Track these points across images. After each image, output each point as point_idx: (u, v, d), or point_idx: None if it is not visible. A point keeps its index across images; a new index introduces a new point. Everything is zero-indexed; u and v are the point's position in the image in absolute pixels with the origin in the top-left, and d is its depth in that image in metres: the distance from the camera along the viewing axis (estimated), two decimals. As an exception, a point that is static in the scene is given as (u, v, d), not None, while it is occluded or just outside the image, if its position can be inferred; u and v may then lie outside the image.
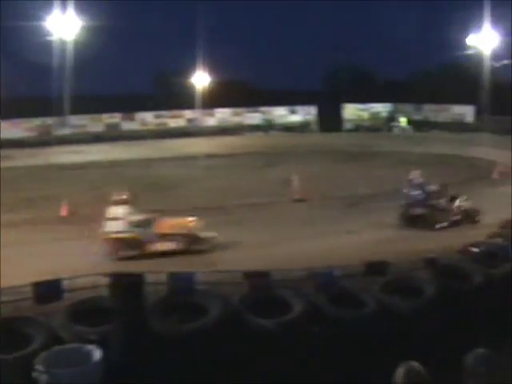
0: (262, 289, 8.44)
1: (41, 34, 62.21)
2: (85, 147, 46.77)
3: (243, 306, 8.10)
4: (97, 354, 6.52)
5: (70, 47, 63.05)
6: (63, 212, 20.14)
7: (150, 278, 7.36)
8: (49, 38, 62.72)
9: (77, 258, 13.82)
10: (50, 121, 63.62)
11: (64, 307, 7.94)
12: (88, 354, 6.53)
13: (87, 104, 59.32)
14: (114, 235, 15.38)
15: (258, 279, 8.43)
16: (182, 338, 7.60)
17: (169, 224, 16.22)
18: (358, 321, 8.56)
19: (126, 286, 6.87)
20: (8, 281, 11.04)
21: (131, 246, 15.39)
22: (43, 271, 12.40)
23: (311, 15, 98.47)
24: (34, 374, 6.19)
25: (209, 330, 7.76)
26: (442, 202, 18.43)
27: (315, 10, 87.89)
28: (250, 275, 8.46)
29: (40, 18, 61.72)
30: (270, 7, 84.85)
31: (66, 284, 8.27)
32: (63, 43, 62.59)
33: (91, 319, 7.67)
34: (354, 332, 8.38)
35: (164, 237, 15.65)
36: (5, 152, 48.34)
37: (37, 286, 8.11)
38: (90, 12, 63.43)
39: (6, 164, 39.45)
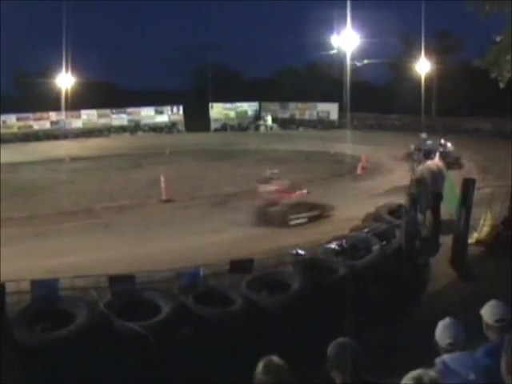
0: (127, 292, 8.44)
1: None
2: None
3: (110, 311, 8.07)
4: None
5: None
6: None
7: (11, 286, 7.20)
8: None
9: None
10: None
11: None
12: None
13: None
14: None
15: (122, 282, 8.40)
16: (48, 347, 7.49)
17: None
18: (225, 319, 8.70)
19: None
20: None
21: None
22: None
23: (175, 14, 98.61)
24: None
25: (76, 336, 7.69)
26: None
27: (179, 9, 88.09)
28: (115, 279, 8.43)
29: None
30: (133, 7, 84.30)
31: None
32: None
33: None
34: (221, 330, 8.53)
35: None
36: None
37: None
38: None
39: None
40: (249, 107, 65.14)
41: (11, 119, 60.02)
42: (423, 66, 53.07)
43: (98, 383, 7.46)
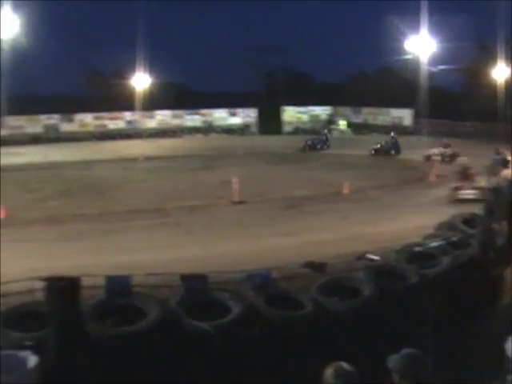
0: (199, 291, 8.47)
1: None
2: (22, 149, 45.98)
3: (181, 309, 8.12)
4: (32, 359, 6.44)
5: (5, 46, 61.99)
6: (1, 214, 19.76)
7: (86, 281, 7.31)
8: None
9: (14, 262, 13.54)
10: (-16, 122, 62.44)
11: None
12: (23, 360, 6.45)
13: (23, 105, 58.28)
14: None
15: (194, 281, 8.45)
16: (119, 341, 7.57)
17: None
18: (294, 322, 8.65)
19: (62, 289, 6.80)
20: None
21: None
22: None
23: (248, 16, 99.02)
24: (-33, 381, 6.09)
25: (145, 333, 7.75)
26: None
27: (252, 11, 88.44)
28: (187, 278, 8.48)
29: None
30: (208, 8, 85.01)
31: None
32: (-1, 42, 61.55)
33: (27, 324, 7.58)
34: (290, 333, 8.48)
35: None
36: None
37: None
38: (27, 10, 62.43)
39: None
40: (321, 111, 64.97)
41: (88, 118, 61.42)
42: (500, 72, 51.80)
43: (162, 382, 7.50)
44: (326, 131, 49.34)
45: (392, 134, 41.36)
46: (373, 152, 38.91)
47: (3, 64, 61.74)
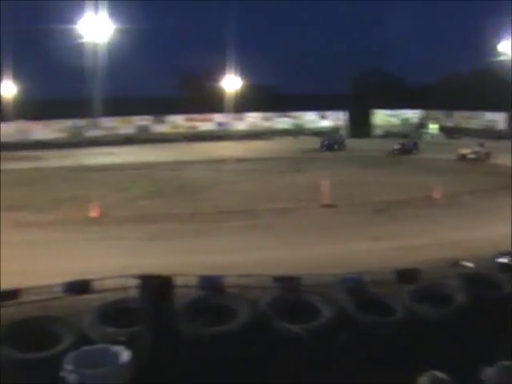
0: (290, 293, 8.44)
1: (73, 36, 62.90)
2: (115, 149, 47.17)
3: (271, 311, 8.09)
4: (125, 354, 6.53)
5: (101, 50, 63.68)
6: (93, 213, 20.26)
7: (179, 280, 7.37)
8: (81, 41, 63.42)
9: (107, 259, 13.85)
10: (81, 122, 64.24)
11: (92, 308, 8.01)
12: (116, 355, 6.55)
13: (118, 106, 59.75)
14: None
15: (286, 284, 8.42)
16: (210, 340, 7.61)
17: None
18: (385, 328, 8.50)
19: (155, 287, 6.89)
20: (36, 279, 11.19)
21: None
22: (71, 270, 12.55)
23: (338, 18, 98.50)
24: (62, 373, 6.21)
25: (236, 334, 7.76)
26: None
27: (342, 13, 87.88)
28: (279, 280, 8.46)
29: (72, 21, 62.42)
30: (300, 11, 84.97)
31: (95, 284, 8.34)
32: (95, 46, 63.25)
33: (120, 320, 7.72)
34: (381, 338, 8.33)
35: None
36: (35, 153, 49.07)
37: (67, 284, 8.18)
38: (122, 15, 63.95)
39: (35, 164, 40.01)
40: (412, 115, 64.06)
41: (179, 120, 62.36)
42: None
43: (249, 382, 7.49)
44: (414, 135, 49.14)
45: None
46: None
47: (99, 67, 63.51)
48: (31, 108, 63.62)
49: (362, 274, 9.26)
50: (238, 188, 26.65)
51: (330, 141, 47.35)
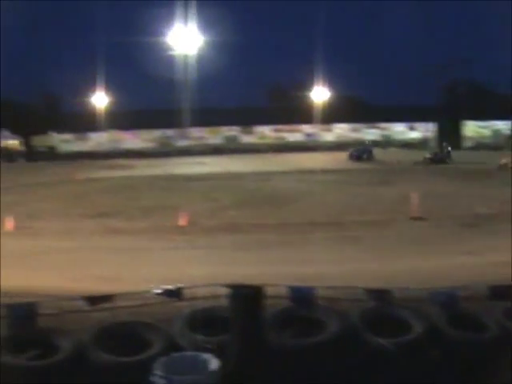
0: (380, 307, 8.30)
1: (164, 48, 64.28)
2: (204, 159, 47.80)
3: (361, 324, 7.97)
4: (214, 363, 6.54)
5: (191, 61, 64.82)
6: (182, 221, 20.54)
7: (269, 290, 7.35)
8: (171, 53, 64.74)
9: (195, 267, 13.99)
10: (170, 132, 65.47)
11: (182, 315, 8.08)
12: (205, 363, 6.58)
13: (206, 116, 60.67)
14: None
15: (378, 296, 8.29)
16: (299, 352, 7.55)
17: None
18: (477, 345, 8.25)
19: (245, 297, 6.89)
20: (124, 285, 11.40)
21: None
22: (160, 277, 12.72)
23: (426, 29, 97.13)
24: (152, 379, 6.28)
25: (325, 345, 7.68)
26: None
27: (430, 24, 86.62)
28: (371, 292, 8.33)
29: (163, 34, 63.77)
30: (387, 23, 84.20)
31: (185, 292, 8.41)
32: (185, 57, 64.44)
33: (209, 328, 7.75)
34: (472, 356, 8.10)
35: None
36: (126, 161, 50.28)
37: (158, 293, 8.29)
38: (210, 27, 64.95)
39: (126, 173, 40.97)
40: (504, 126, 62.54)
41: (267, 130, 62.77)
42: None
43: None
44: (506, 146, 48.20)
45: None
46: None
47: (188, 78, 64.59)
48: (122, 118, 65.42)
49: (454, 288, 9.03)
50: (325, 199, 26.53)
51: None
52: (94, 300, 8.28)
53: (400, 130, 62.41)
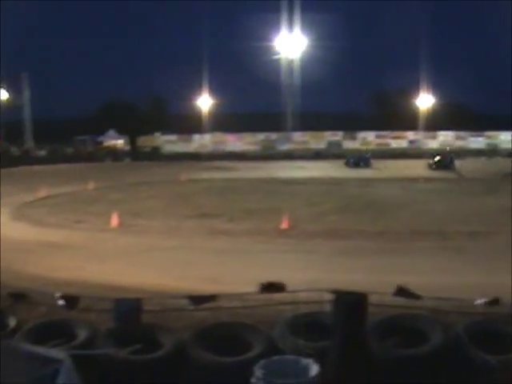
0: (488, 320, 8.08)
1: (269, 53, 64.80)
2: (305, 163, 47.82)
3: (466, 337, 7.77)
4: (314, 368, 6.52)
5: (295, 66, 65.06)
6: (283, 225, 20.61)
7: (373, 298, 7.29)
8: (276, 57, 65.18)
9: (295, 271, 13.99)
10: (273, 136, 65.84)
11: (284, 319, 8.10)
12: (306, 368, 6.56)
13: (309, 121, 60.73)
14: None
15: (484, 309, 8.09)
16: (399, 362, 7.44)
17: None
18: None
19: (349, 303, 6.84)
20: (225, 287, 11.55)
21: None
22: (259, 280, 12.78)
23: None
24: (253, 381, 6.31)
25: (426, 358, 7.53)
26: None
27: None
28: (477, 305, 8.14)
29: (269, 39, 64.30)
30: (497, 30, 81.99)
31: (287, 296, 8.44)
32: (289, 62, 64.71)
33: (310, 333, 7.74)
34: None
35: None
36: (228, 163, 50.90)
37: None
38: (315, 32, 64.99)
39: (229, 175, 41.47)
40: None
41: (370, 136, 62.21)
42: None
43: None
44: None
45: None
46: None
47: (292, 82, 64.83)
48: (226, 120, 66.36)
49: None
50: (427, 208, 25.99)
51: None
52: (198, 300, 8.43)
53: (507, 139, 60.48)
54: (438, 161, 46.74)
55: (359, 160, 48.00)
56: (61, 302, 8.86)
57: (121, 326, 8.21)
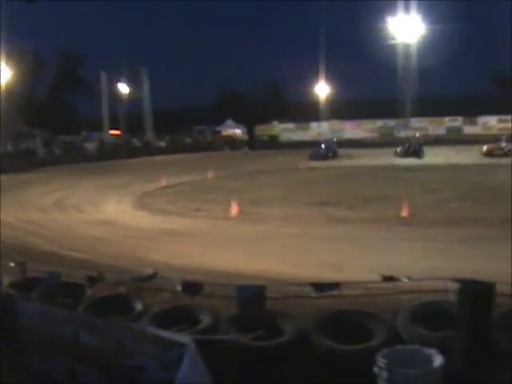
0: None
1: (385, 37, 63.79)
2: (425, 149, 46.81)
3: None
4: (438, 358, 6.40)
5: (412, 50, 63.76)
6: (403, 212, 20.32)
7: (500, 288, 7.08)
8: (392, 42, 64.07)
9: (415, 259, 13.78)
10: (391, 122, 64.97)
11: (407, 307, 8.00)
12: (429, 358, 6.45)
13: (427, 106, 59.45)
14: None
15: None
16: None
17: None
18: None
19: (475, 293, 6.67)
20: (345, 274, 11.54)
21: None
22: (379, 267, 12.67)
23: None
24: (375, 369, 6.27)
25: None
26: None
27: None
28: None
29: (384, 22, 63.24)
30: None
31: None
32: (406, 46, 63.48)
33: (433, 323, 7.60)
34: None
35: None
36: (346, 151, 50.64)
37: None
38: (432, 14, 63.43)
39: (347, 163, 41.31)
40: None
41: (492, 121, 60.28)
42: None
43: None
44: None
45: None
46: None
47: (410, 67, 63.62)
48: (343, 108, 65.97)
49: None
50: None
51: None
52: (321, 287, 8.46)
53: None
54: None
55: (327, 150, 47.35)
56: (183, 289, 9.12)
57: (243, 312, 8.34)
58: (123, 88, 77.59)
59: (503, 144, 46.25)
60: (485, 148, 45.94)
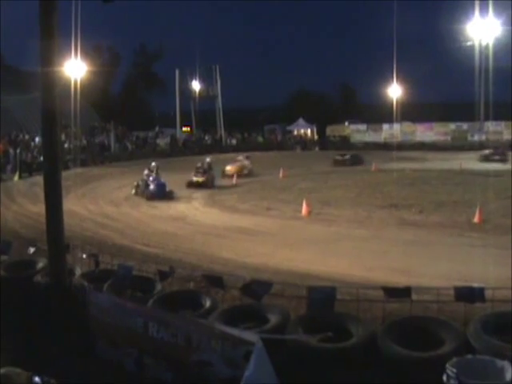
0: None
1: (460, 39, 62.57)
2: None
3: None
4: (510, 371, 6.26)
5: (488, 52, 62.33)
6: (476, 218, 19.92)
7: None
8: (467, 44, 62.75)
9: (488, 267, 13.48)
10: (464, 126, 63.76)
11: (479, 316, 7.83)
12: (501, 370, 6.31)
13: (504, 110, 58.00)
14: None
15: None
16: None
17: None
18: None
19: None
20: (415, 279, 11.39)
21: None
22: (451, 274, 12.48)
23: None
24: (444, 378, 6.17)
25: None
26: None
27: None
28: None
29: (460, 23, 62.03)
30: None
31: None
32: (482, 48, 62.11)
33: (507, 334, 7.42)
34: None
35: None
36: (418, 154, 50.02)
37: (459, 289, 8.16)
38: (508, 15, 61.85)
39: (419, 166, 40.72)
40: None
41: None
42: None
43: None
44: None
45: None
46: None
47: (483, 70, 62.29)
48: (416, 110, 64.98)
49: None
50: None
51: None
52: (392, 292, 8.38)
53: None
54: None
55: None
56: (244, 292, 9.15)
57: (312, 313, 8.33)
58: (196, 85, 78.16)
59: None
60: None
